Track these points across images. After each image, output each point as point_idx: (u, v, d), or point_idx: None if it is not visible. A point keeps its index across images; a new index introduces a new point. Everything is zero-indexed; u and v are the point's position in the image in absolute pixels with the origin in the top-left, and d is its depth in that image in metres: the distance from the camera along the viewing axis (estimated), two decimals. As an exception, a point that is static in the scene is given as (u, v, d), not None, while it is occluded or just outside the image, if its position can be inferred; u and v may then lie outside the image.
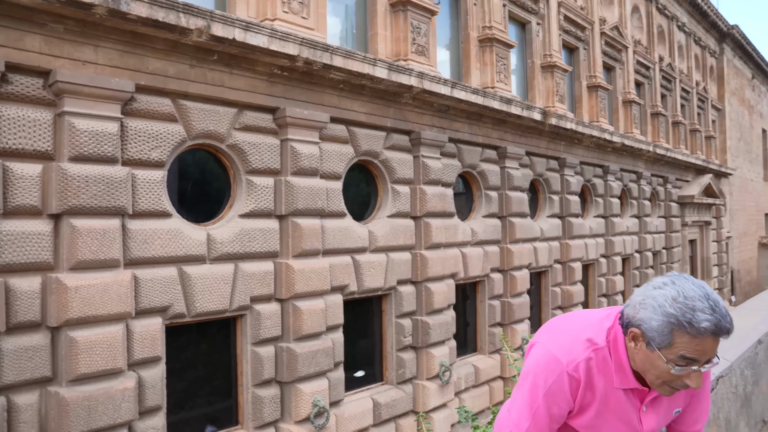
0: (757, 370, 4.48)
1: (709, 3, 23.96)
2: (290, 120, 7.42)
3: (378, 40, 9.20)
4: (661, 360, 1.51)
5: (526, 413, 1.71)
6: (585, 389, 1.65)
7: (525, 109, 11.53)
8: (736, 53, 29.46)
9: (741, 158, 30.09)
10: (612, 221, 15.76)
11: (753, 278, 31.35)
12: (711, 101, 25.75)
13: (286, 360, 7.29)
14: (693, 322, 1.44)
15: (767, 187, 36.39)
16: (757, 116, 34.05)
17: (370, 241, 8.61)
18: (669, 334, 1.48)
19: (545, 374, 1.65)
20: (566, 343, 1.66)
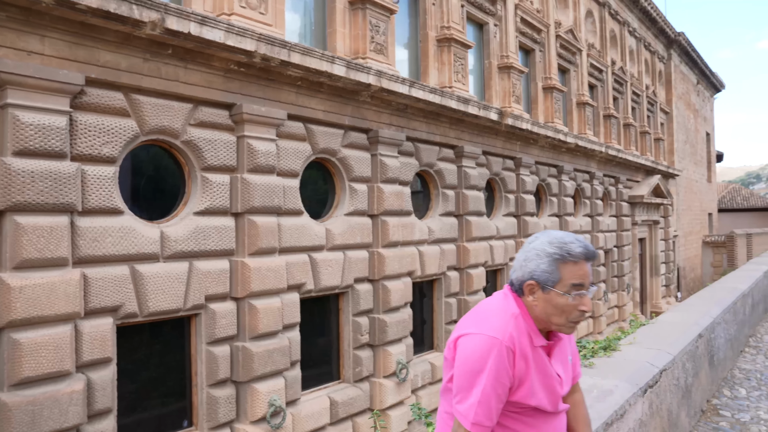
0: (697, 362, 4.67)
1: (657, 10, 24.76)
2: (247, 117, 7.33)
3: (337, 37, 9.17)
4: (558, 295, 1.79)
5: (477, 400, 1.76)
6: (519, 359, 1.80)
7: (482, 109, 11.68)
8: (682, 59, 30.54)
9: (687, 160, 31.23)
10: (566, 220, 16.12)
11: (697, 275, 32.60)
12: (660, 105, 26.63)
13: (241, 359, 7.20)
14: (570, 251, 1.78)
15: (710, 188, 37.89)
16: (702, 120, 35.40)
17: (328, 240, 8.58)
18: (556, 269, 1.79)
19: (488, 356, 1.75)
20: (495, 322, 1.82)
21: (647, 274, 24.17)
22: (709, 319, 5.47)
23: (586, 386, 3.13)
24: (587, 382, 3.22)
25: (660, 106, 26.70)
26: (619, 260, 20.30)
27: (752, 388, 5.56)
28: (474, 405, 1.76)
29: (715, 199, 39.52)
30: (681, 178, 29.26)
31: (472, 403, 1.76)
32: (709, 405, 5.02)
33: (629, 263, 21.20)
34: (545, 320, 1.85)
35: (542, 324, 1.87)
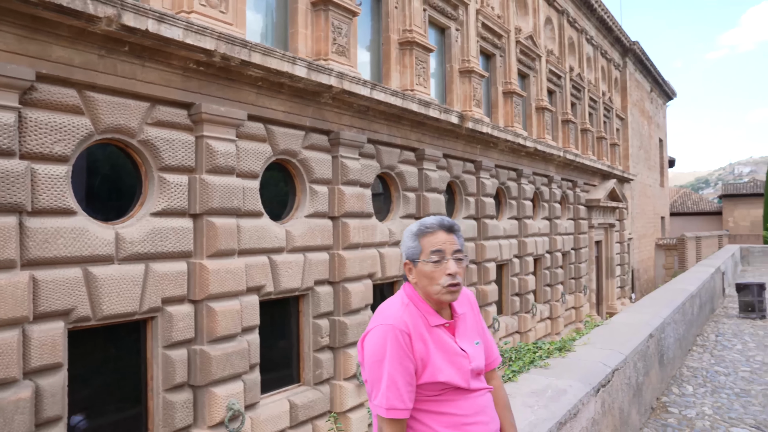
0: (648, 362, 4.81)
1: (613, 19, 25.45)
2: (206, 116, 7.22)
3: (298, 38, 9.12)
4: (424, 264, 1.98)
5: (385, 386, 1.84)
6: (417, 341, 1.91)
7: (443, 113, 11.79)
8: (637, 67, 31.46)
9: (641, 165, 32.16)
10: (525, 223, 16.39)
11: (650, 277, 33.58)
12: (615, 111, 27.35)
13: (199, 363, 7.08)
14: (424, 224, 2.01)
15: (663, 192, 39.11)
16: (655, 126, 36.51)
17: (288, 241, 8.52)
18: (417, 243, 2.00)
19: (385, 343, 1.87)
20: (388, 313, 1.96)
21: (603, 275, 24.78)
22: (660, 320, 5.64)
23: (540, 386, 3.19)
24: (542, 382, 3.28)
25: (616, 112, 27.43)
26: (577, 262, 20.75)
27: (698, 385, 5.76)
28: (384, 392, 1.84)
29: (667, 203, 40.81)
30: (635, 182, 30.12)
31: (382, 392, 1.84)
32: (658, 402, 5.17)
33: (586, 265, 21.70)
34: (428, 294, 2.00)
35: (434, 303, 2.01)
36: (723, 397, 5.41)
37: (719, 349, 7.37)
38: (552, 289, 18.55)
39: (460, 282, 1.99)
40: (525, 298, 16.44)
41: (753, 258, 21.64)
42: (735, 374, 6.20)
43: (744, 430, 4.56)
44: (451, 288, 1.97)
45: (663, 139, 39.21)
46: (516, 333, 15.90)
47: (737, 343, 7.76)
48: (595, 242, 23.28)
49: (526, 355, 3.97)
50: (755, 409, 5.07)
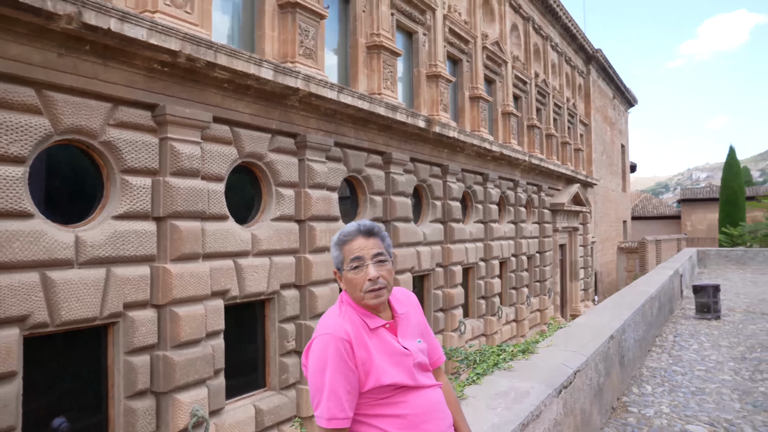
0: (609, 363, 4.92)
1: (577, 27, 25.99)
2: (170, 118, 7.11)
3: (265, 40, 9.06)
4: (347, 272, 2.01)
5: (326, 395, 1.85)
6: (358, 348, 1.91)
7: (410, 117, 11.85)
8: (600, 75, 32.17)
9: (604, 170, 32.86)
10: (491, 226, 16.58)
11: (612, 279, 34.31)
12: (579, 117, 27.90)
13: (162, 369, 6.95)
14: (342, 233, 2.05)
15: (625, 197, 40.03)
16: (617, 132, 37.38)
17: (253, 245, 8.44)
18: (339, 252, 2.04)
19: (327, 352, 1.87)
20: (329, 323, 1.97)
21: (567, 278, 25.22)
22: (620, 322, 5.77)
23: (504, 388, 3.24)
24: (505, 384, 3.33)
25: (579, 118, 27.98)
26: (541, 265, 21.07)
27: (657, 385, 5.91)
28: (325, 401, 1.84)
29: (629, 207, 41.77)
30: (598, 187, 30.75)
31: (324, 402, 1.85)
32: (619, 402, 5.29)
33: (551, 268, 22.04)
34: (356, 300, 2.03)
35: (369, 307, 2.03)
36: (680, 395, 5.57)
37: (677, 350, 7.58)
38: (517, 292, 18.79)
39: (383, 285, 1.99)
40: (491, 301, 16.61)
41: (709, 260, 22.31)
42: (691, 373, 6.39)
43: (698, 427, 4.70)
44: (373, 293, 1.98)
45: (625, 144, 40.16)
46: (482, 336, 16.05)
47: (694, 343, 7.99)
48: (560, 246, 23.68)
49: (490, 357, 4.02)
50: (709, 406, 5.23)
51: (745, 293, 13.60)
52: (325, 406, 1.84)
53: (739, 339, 8.25)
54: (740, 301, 12.29)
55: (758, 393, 5.65)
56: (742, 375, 6.33)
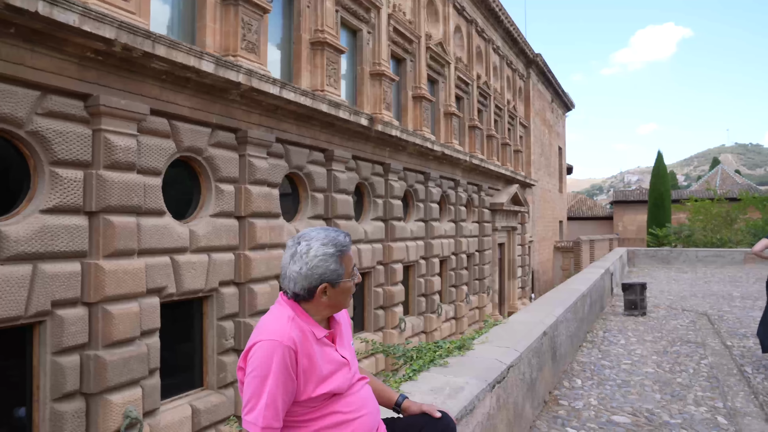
0: (541, 358, 5.09)
1: (519, 31, 26.66)
2: (104, 109, 6.86)
3: (206, 32, 8.87)
4: (348, 283, 2.01)
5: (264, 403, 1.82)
6: (302, 357, 1.91)
7: (353, 114, 11.87)
8: (539, 78, 33.12)
9: (542, 171, 33.87)
10: (432, 225, 16.81)
11: (549, 278, 35.42)
12: (519, 119, 28.64)
13: (93, 369, 6.71)
14: (342, 244, 2.01)
15: (562, 198, 41.39)
16: (555, 135, 38.59)
17: (191, 241, 8.26)
18: (338, 264, 1.99)
19: (272, 359, 1.84)
20: (275, 328, 1.91)
21: (505, 277, 25.86)
22: (553, 318, 5.97)
23: (439, 384, 3.31)
24: (441, 380, 3.40)
25: (519, 120, 28.72)
26: (481, 264, 21.52)
27: (587, 379, 6.16)
28: (262, 409, 1.81)
29: (565, 207, 43.21)
30: (536, 187, 31.67)
31: (260, 410, 1.81)
32: (551, 396, 5.48)
33: (490, 267, 22.55)
34: (334, 309, 2.04)
35: (324, 315, 2.04)
36: (607, 388, 5.82)
37: (606, 345, 7.91)
38: (457, 290, 19.13)
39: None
40: (431, 299, 16.85)
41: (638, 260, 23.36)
42: (618, 367, 6.69)
43: (622, 417, 4.94)
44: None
45: (562, 147, 41.50)
46: (422, 333, 16.26)
47: (621, 338, 8.37)
48: (499, 245, 24.26)
49: (426, 354, 4.09)
50: (633, 398, 5.50)
51: (669, 291, 14.33)
52: (262, 414, 1.81)
53: (662, 334, 8.70)
54: (664, 298, 12.94)
55: (676, 384, 5.99)
56: (663, 367, 6.68)
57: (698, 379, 6.20)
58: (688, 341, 8.17)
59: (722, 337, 8.52)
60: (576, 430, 4.63)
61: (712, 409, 5.17)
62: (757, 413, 5.11)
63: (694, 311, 10.96)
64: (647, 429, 4.67)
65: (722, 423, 4.82)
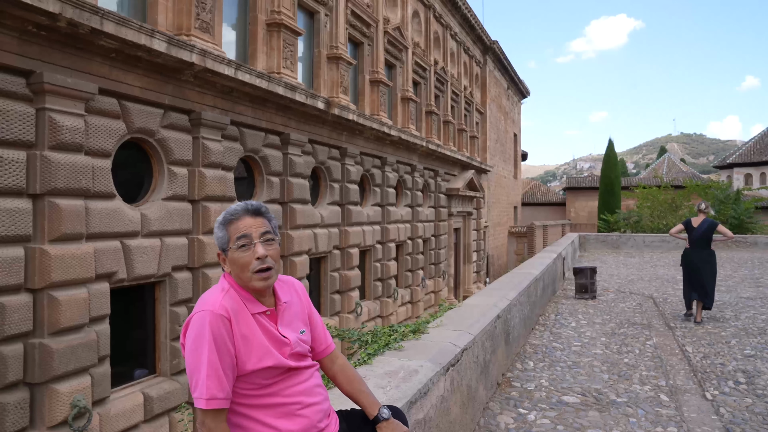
0: (495, 341, 5.19)
1: (476, 18, 26.79)
2: (49, 87, 6.58)
3: (158, 9, 8.59)
4: (233, 252, 1.94)
5: (205, 374, 1.77)
6: (237, 325, 1.87)
7: (309, 98, 11.73)
8: (496, 65, 33.43)
9: (497, 157, 34.32)
10: (388, 210, 16.85)
11: (503, 262, 36.08)
12: (476, 105, 28.88)
13: (38, 358, 6.49)
14: (228, 212, 1.98)
15: (516, 183, 42.08)
16: (511, 122, 39.11)
17: (143, 225, 8.05)
18: (224, 231, 1.96)
19: (204, 329, 1.81)
20: (207, 298, 1.90)
21: (461, 261, 26.22)
22: (507, 302, 6.09)
23: (394, 368, 3.33)
24: (395, 363, 3.43)
25: (476, 106, 28.96)
26: (437, 249, 21.74)
27: (538, 360, 6.33)
28: (204, 380, 1.77)
29: (519, 193, 43.96)
30: (492, 173, 32.09)
31: (202, 380, 1.77)
32: (504, 378, 5.61)
33: (445, 251, 22.80)
34: (243, 282, 1.95)
35: (252, 291, 1.96)
36: (558, 369, 5.99)
37: (557, 327, 8.13)
38: (413, 275, 19.29)
39: (271, 266, 1.94)
40: (387, 283, 16.94)
41: (589, 245, 24.02)
42: (569, 349, 6.89)
43: (572, 397, 5.10)
44: (261, 274, 1.92)
45: (517, 133, 42.11)
46: (378, 317, 16.36)
47: (572, 321, 8.61)
48: (454, 229, 24.53)
49: (382, 338, 4.11)
50: (582, 378, 5.68)
51: (618, 274, 14.81)
52: (204, 384, 1.76)
53: (610, 316, 8.99)
54: (613, 281, 13.38)
55: (623, 364, 6.21)
56: (611, 349, 6.92)
57: (643, 359, 6.45)
58: (634, 323, 8.47)
59: (666, 318, 8.86)
60: (528, 410, 4.76)
61: (655, 388, 5.39)
62: (696, 390, 5.36)
63: (641, 294, 11.36)
64: (595, 408, 4.83)
65: (664, 400, 5.03)
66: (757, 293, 11.26)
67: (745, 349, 6.88)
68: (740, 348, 6.92)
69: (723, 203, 27.87)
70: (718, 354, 6.65)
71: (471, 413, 4.23)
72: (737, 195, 28.78)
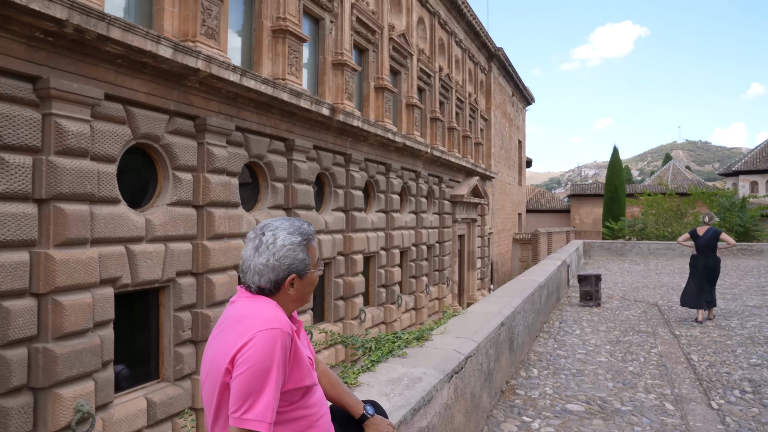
0: (499, 348, 5.17)
1: (481, 25, 26.84)
2: (55, 92, 6.62)
3: (165, 16, 8.64)
4: (314, 274, 1.95)
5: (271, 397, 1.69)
6: (292, 343, 1.81)
7: (314, 104, 11.76)
8: (501, 72, 33.46)
9: (502, 164, 34.30)
10: (392, 216, 16.84)
11: (507, 269, 36.00)
12: (480, 112, 28.90)
13: (42, 363, 6.49)
14: (308, 233, 1.93)
15: (521, 190, 42.04)
16: (515, 129, 39.11)
17: (147, 230, 8.07)
18: (306, 253, 1.90)
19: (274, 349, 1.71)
20: (271, 316, 1.78)
21: (465, 268, 26.16)
22: (511, 309, 6.07)
23: (397, 375, 3.32)
24: (399, 370, 3.42)
25: (480, 113, 28.98)
26: (441, 255, 21.70)
27: (543, 368, 6.30)
28: (270, 403, 1.69)
29: (524, 200, 43.91)
30: (496, 180, 32.07)
31: (266, 403, 1.69)
32: (508, 386, 5.59)
33: (449, 258, 22.76)
34: (298, 303, 1.95)
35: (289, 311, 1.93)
36: (562, 377, 5.96)
37: (562, 335, 8.10)
38: (417, 281, 19.26)
39: None
40: (391, 290, 16.91)
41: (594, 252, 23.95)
42: (573, 356, 6.85)
43: (576, 405, 5.07)
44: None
45: (522, 140, 42.09)
46: (382, 323, 16.33)
47: (576, 328, 8.58)
48: (458, 236, 24.50)
49: (385, 344, 4.10)
50: (587, 386, 5.65)
51: (622, 282, 14.75)
52: (270, 408, 1.68)
53: (615, 324, 8.95)
54: (618, 289, 13.32)
55: (627, 372, 6.18)
56: (616, 356, 6.88)
57: (648, 367, 6.41)
58: (639, 331, 8.43)
59: (671, 326, 8.82)
60: (532, 418, 4.73)
61: (660, 396, 5.35)
62: (701, 399, 5.32)
63: (646, 302, 11.31)
64: (600, 416, 4.80)
65: (669, 409, 5.00)
66: (764, 301, 11.19)
67: (751, 357, 6.83)
68: (746, 357, 6.87)
69: (728, 211, 27.76)
70: (723, 363, 6.60)
71: (475, 421, 4.21)
72: (743, 202, 28.66)
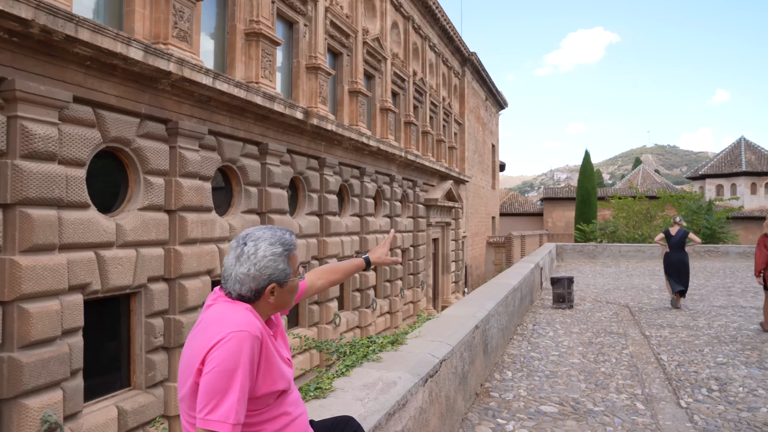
0: (473, 351, 5.20)
1: (455, 30, 27.05)
2: (21, 94, 6.47)
3: (135, 18, 8.52)
4: (295, 282, 1.99)
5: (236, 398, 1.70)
6: (264, 349, 1.83)
7: (288, 108, 11.70)
8: (474, 77, 33.75)
9: (476, 168, 34.57)
10: (367, 220, 16.83)
11: (481, 272, 36.24)
12: (454, 116, 29.09)
13: (6, 373, 6.32)
14: (289, 243, 1.96)
15: (494, 193, 42.41)
16: (489, 133, 39.46)
17: (118, 236, 7.93)
18: (288, 263, 1.94)
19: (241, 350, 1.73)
20: (241, 319, 1.80)
21: (439, 271, 26.26)
22: (485, 312, 6.10)
23: (372, 379, 3.31)
24: (373, 375, 3.40)
25: (454, 117, 29.17)
26: (415, 259, 21.75)
27: (516, 371, 6.34)
28: (234, 404, 1.70)
29: (497, 204, 44.29)
30: (470, 184, 32.30)
31: (230, 404, 1.70)
32: (482, 388, 5.61)
33: (424, 262, 22.82)
34: (278, 309, 1.98)
35: (267, 315, 1.97)
36: (536, 379, 6.01)
37: (535, 337, 8.17)
38: (391, 285, 19.27)
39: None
40: (365, 294, 16.89)
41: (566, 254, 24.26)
42: (546, 358, 6.92)
43: (550, 407, 5.11)
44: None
45: (495, 144, 42.48)
46: (357, 328, 16.29)
47: (550, 330, 8.66)
48: (433, 240, 24.58)
49: (360, 349, 4.08)
50: (560, 388, 5.71)
51: (594, 284, 14.96)
52: (234, 408, 1.69)
53: (587, 326, 9.07)
54: (590, 291, 13.51)
55: (600, 373, 6.26)
56: (588, 358, 6.97)
57: (620, 368, 6.50)
58: (611, 332, 8.56)
59: (641, 327, 8.97)
60: (506, 421, 4.76)
61: (631, 396, 5.44)
62: (671, 397, 5.42)
63: (617, 303, 11.49)
64: (573, 417, 4.85)
65: (640, 409, 5.07)
66: (729, 302, 11.46)
67: (717, 356, 6.98)
68: (713, 356, 7.02)
69: (696, 213, 28.40)
70: (691, 362, 6.74)
71: (449, 424, 4.22)
72: (709, 206, 29.36)
